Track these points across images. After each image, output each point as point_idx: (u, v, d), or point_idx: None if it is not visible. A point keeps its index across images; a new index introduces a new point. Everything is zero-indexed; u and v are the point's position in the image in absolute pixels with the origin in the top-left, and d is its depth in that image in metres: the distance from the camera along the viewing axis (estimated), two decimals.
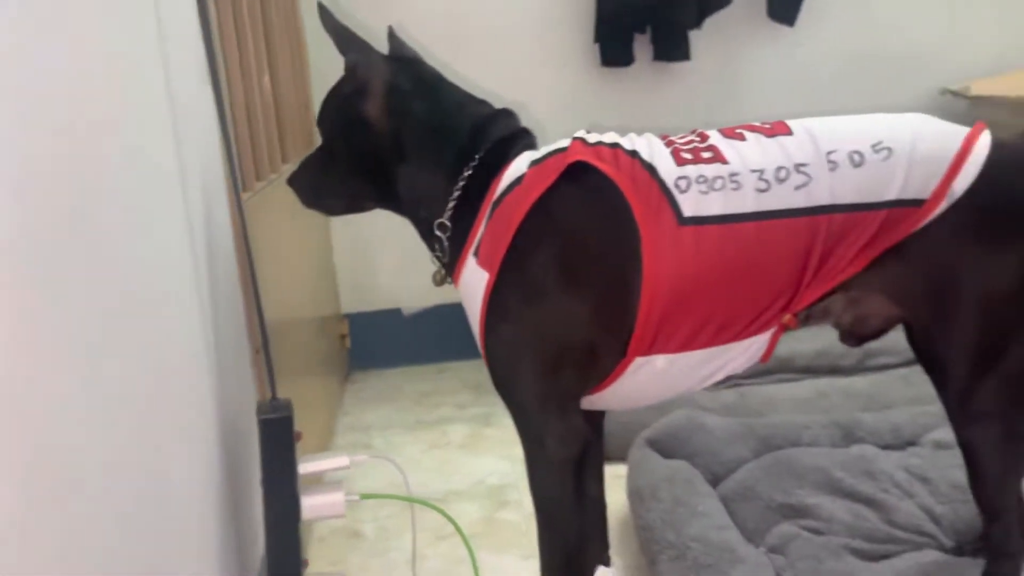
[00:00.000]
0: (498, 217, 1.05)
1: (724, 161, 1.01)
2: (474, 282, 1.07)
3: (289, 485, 1.05)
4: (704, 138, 1.06)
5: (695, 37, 2.27)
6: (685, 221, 0.99)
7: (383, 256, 2.44)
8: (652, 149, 1.05)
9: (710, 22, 2.26)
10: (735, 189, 0.99)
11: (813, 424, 1.63)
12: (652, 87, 2.36)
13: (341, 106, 1.14)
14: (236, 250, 1.14)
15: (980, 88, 2.26)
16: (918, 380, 1.91)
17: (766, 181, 0.99)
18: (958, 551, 1.27)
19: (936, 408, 1.69)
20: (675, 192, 1.00)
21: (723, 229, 0.99)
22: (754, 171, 1.00)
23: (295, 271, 1.90)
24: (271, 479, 1.04)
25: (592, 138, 1.08)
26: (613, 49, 2.28)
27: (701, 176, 1.00)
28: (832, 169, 0.99)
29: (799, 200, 0.99)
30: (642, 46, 2.31)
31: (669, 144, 1.06)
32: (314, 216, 2.24)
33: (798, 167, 0.99)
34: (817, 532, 1.31)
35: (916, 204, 0.98)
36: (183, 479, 0.95)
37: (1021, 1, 2.37)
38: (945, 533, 1.31)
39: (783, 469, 1.44)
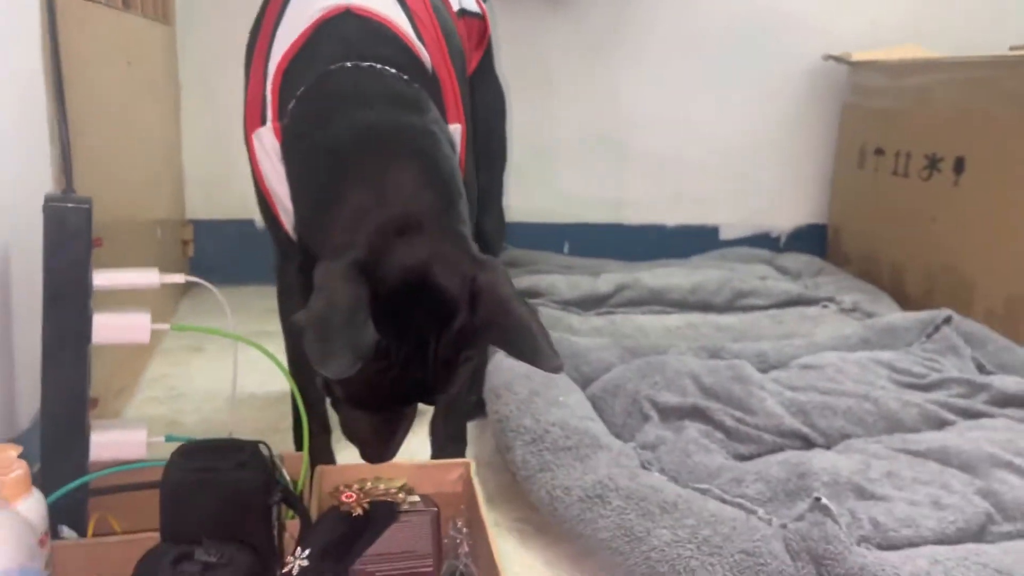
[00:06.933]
0: None
1: None
2: None
3: (78, 296, 0.84)
4: None
5: None
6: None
7: (241, 164, 2.20)
8: None
9: None
10: None
11: (680, 345, 1.56)
12: (540, 19, 2.27)
13: None
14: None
15: (860, 55, 2.30)
16: (788, 319, 1.92)
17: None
18: (826, 448, 1.22)
19: (802, 341, 1.69)
20: None
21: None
22: None
23: (125, 147, 1.66)
24: (54, 285, 0.83)
25: None
26: None
27: None
28: None
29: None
30: None
31: None
32: (161, 103, 2.02)
33: None
34: (687, 430, 1.23)
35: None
36: None
37: None
38: (815, 432, 1.25)
39: (654, 370, 1.35)
